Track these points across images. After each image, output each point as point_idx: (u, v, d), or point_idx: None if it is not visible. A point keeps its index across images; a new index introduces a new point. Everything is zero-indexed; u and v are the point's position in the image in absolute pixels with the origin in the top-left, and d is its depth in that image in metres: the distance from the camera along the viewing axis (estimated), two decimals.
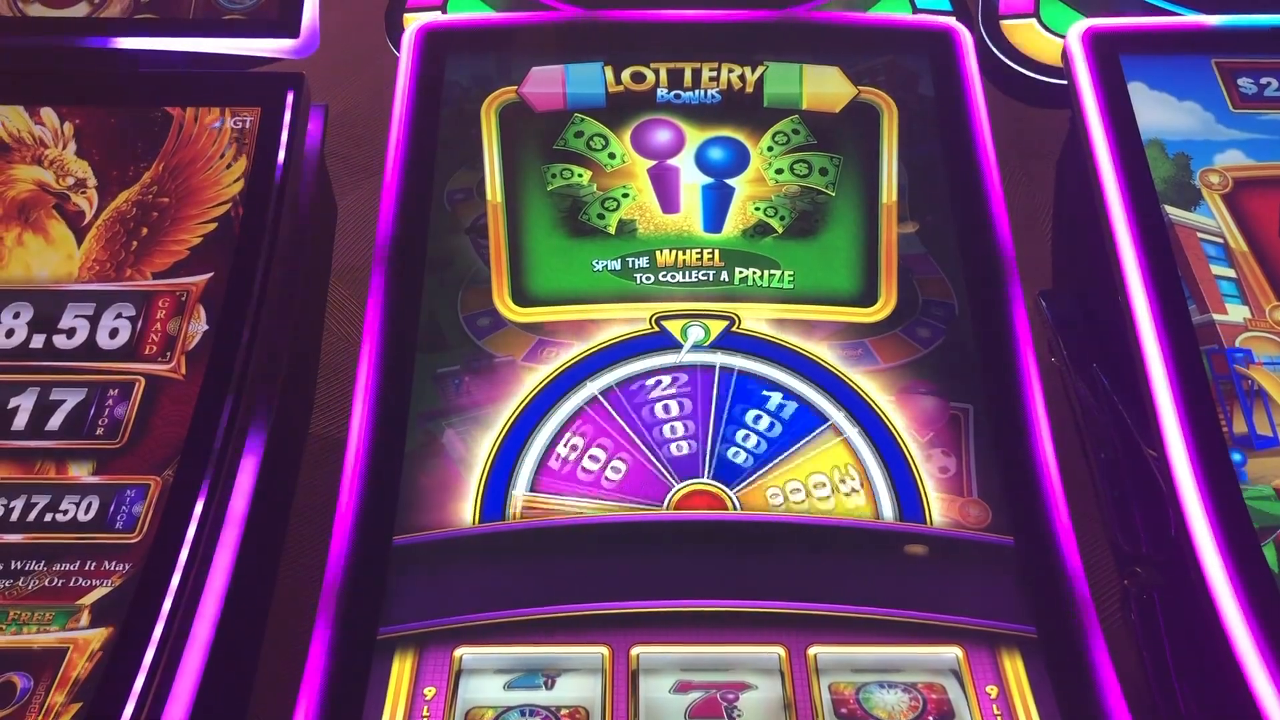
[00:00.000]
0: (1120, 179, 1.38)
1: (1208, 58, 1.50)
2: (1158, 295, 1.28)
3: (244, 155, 1.42)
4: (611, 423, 1.27)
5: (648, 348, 1.32)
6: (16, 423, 1.23)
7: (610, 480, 1.23)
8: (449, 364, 1.31)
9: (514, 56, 1.57)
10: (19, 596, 1.11)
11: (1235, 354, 1.26)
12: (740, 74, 1.56)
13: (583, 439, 1.25)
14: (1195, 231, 1.36)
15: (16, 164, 1.44)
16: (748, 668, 1.11)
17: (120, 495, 1.17)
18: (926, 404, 1.28)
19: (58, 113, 1.48)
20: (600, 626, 1.12)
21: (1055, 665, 1.10)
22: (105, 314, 1.31)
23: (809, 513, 1.20)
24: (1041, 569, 1.16)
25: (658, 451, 1.24)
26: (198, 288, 1.32)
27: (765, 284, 1.38)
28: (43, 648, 1.07)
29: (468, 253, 1.41)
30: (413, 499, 1.21)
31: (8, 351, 1.28)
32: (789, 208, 1.45)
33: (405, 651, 1.11)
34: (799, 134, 1.51)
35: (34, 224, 1.39)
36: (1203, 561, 1.12)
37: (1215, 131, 1.44)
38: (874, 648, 1.12)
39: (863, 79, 1.56)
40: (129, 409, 1.23)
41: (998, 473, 1.23)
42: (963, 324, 1.35)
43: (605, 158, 1.49)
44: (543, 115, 1.53)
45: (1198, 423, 1.19)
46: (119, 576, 1.12)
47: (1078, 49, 1.49)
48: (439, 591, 1.15)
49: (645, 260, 1.40)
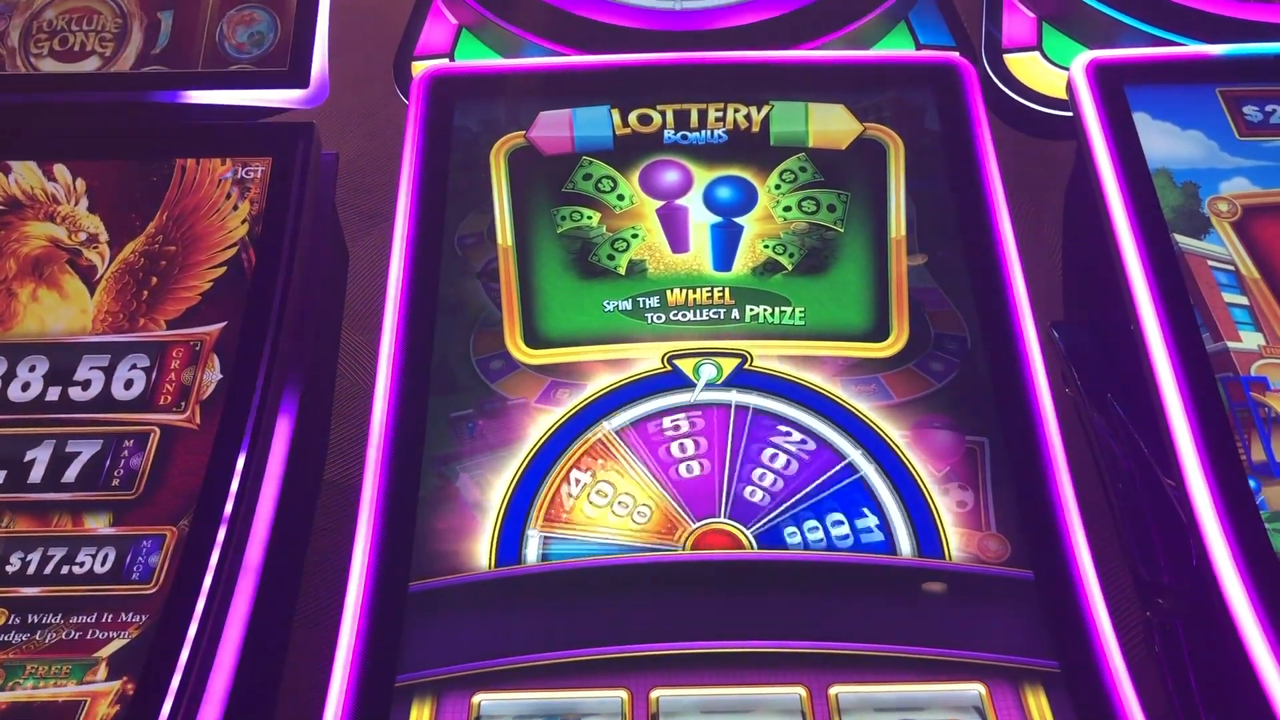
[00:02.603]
0: (1129, 209, 1.38)
1: (1212, 86, 1.50)
2: (1171, 324, 1.28)
3: (248, 198, 1.43)
4: (626, 462, 1.26)
5: (661, 387, 1.32)
6: (33, 475, 1.23)
7: (623, 519, 1.22)
8: (462, 407, 1.31)
9: (522, 101, 1.59)
10: (36, 650, 1.10)
11: (1251, 381, 1.25)
12: (746, 113, 1.57)
13: (597, 479, 1.25)
14: (1206, 259, 1.35)
15: (30, 221, 1.45)
16: (769, 709, 1.10)
17: (136, 546, 1.17)
18: (942, 438, 1.28)
19: (70, 169, 1.49)
20: (619, 670, 1.11)
21: (1079, 699, 1.08)
22: (120, 365, 1.32)
23: (827, 551, 1.19)
24: (1062, 602, 1.15)
25: (673, 491, 1.24)
26: (211, 337, 1.33)
27: (776, 321, 1.38)
28: (62, 701, 1.06)
29: (479, 296, 1.41)
30: (428, 544, 1.21)
31: (25, 404, 1.29)
32: (798, 245, 1.45)
33: (423, 699, 1.10)
34: (806, 171, 1.52)
35: (48, 280, 1.40)
36: (1225, 591, 1.11)
37: (1221, 160, 1.44)
38: (896, 686, 1.11)
39: (868, 115, 1.56)
40: (144, 459, 1.24)
41: (1016, 506, 1.22)
42: (976, 356, 1.35)
43: (614, 199, 1.49)
44: (551, 159, 1.54)
45: (1216, 451, 1.19)
46: (136, 628, 1.11)
47: (1082, 81, 1.49)
48: (456, 637, 1.14)
49: (656, 300, 1.40)
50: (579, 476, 1.25)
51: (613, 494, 1.24)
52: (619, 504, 1.23)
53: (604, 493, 1.24)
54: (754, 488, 1.24)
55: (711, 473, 1.25)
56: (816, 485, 1.24)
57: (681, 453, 1.27)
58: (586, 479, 1.25)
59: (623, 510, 1.23)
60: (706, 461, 1.26)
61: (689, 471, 1.26)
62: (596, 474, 1.25)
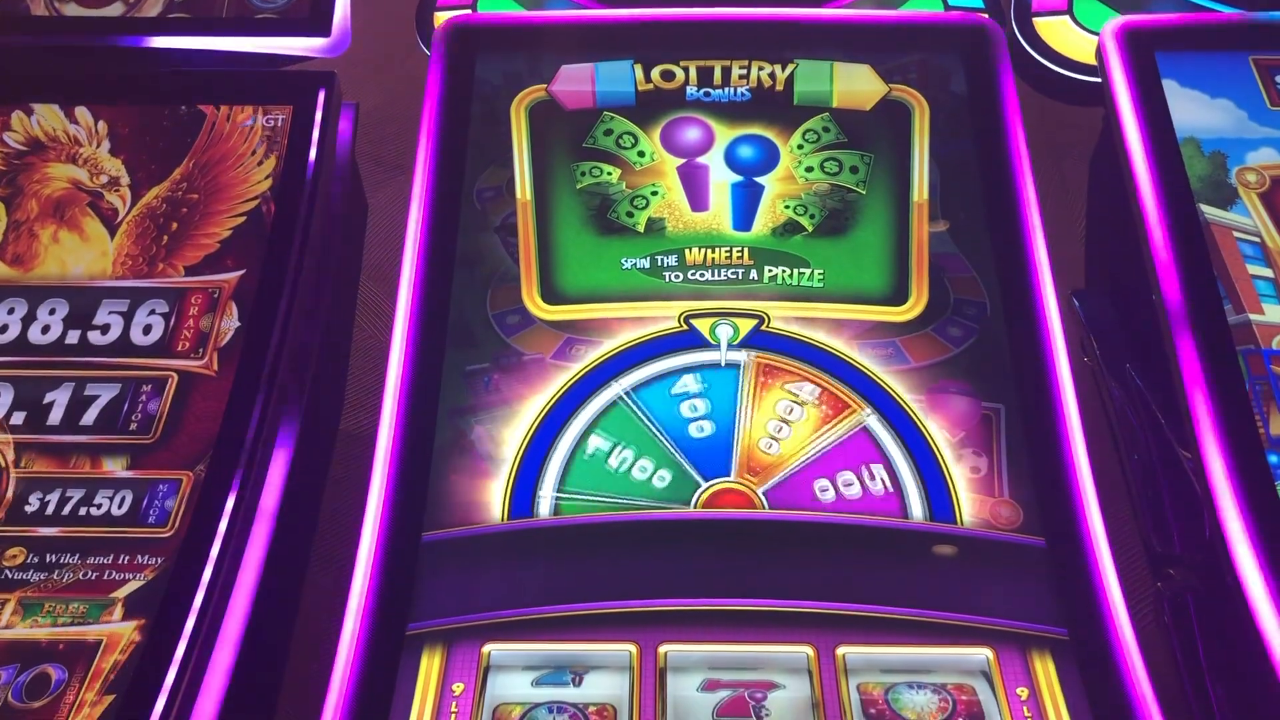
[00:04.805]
0: (1155, 177, 1.36)
1: (1246, 54, 1.48)
2: (1193, 294, 1.27)
3: (274, 153, 1.43)
4: (639, 420, 1.26)
5: (676, 346, 1.32)
6: (52, 417, 1.24)
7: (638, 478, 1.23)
8: (478, 361, 1.31)
9: (544, 54, 1.57)
10: (54, 589, 1.12)
11: (1273, 354, 1.24)
12: (770, 72, 1.55)
13: (610, 436, 1.25)
14: (1231, 230, 1.34)
15: (52, 162, 1.46)
16: (776, 667, 1.11)
17: (153, 490, 1.18)
18: (958, 404, 1.27)
19: (92, 111, 1.49)
20: (628, 624, 1.12)
21: (1087, 667, 1.09)
22: (139, 310, 1.32)
23: (838, 513, 1.20)
24: (1073, 570, 1.15)
25: (685, 449, 1.24)
26: (230, 284, 1.33)
27: (795, 282, 1.37)
28: (79, 639, 1.08)
29: (497, 250, 1.41)
30: (442, 496, 1.21)
31: (44, 347, 1.30)
32: (819, 206, 1.44)
33: (434, 648, 1.11)
34: (829, 132, 1.50)
35: (69, 221, 1.41)
36: (1238, 564, 1.11)
37: (1250, 129, 1.42)
38: (903, 648, 1.11)
39: (894, 76, 1.55)
40: (162, 404, 1.25)
41: (1029, 473, 1.22)
42: (994, 323, 1.34)
43: (634, 156, 1.49)
44: (572, 113, 1.53)
45: (1233, 424, 1.18)
46: (151, 570, 1.13)
47: (1112, 46, 1.47)
48: (468, 588, 1.15)
49: (674, 258, 1.40)
50: (592, 433, 1.25)
51: (630, 457, 1.24)
52: (639, 468, 1.23)
53: (625, 457, 1.24)
54: (770, 442, 1.24)
55: (723, 431, 1.25)
56: (828, 446, 1.24)
57: (694, 412, 1.27)
58: (600, 435, 1.25)
59: (633, 467, 1.23)
60: (718, 421, 1.26)
61: (700, 430, 1.26)
62: (609, 430, 1.25)
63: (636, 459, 1.24)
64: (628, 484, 1.22)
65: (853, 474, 1.23)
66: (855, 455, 1.24)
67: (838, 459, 1.24)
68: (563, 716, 1.07)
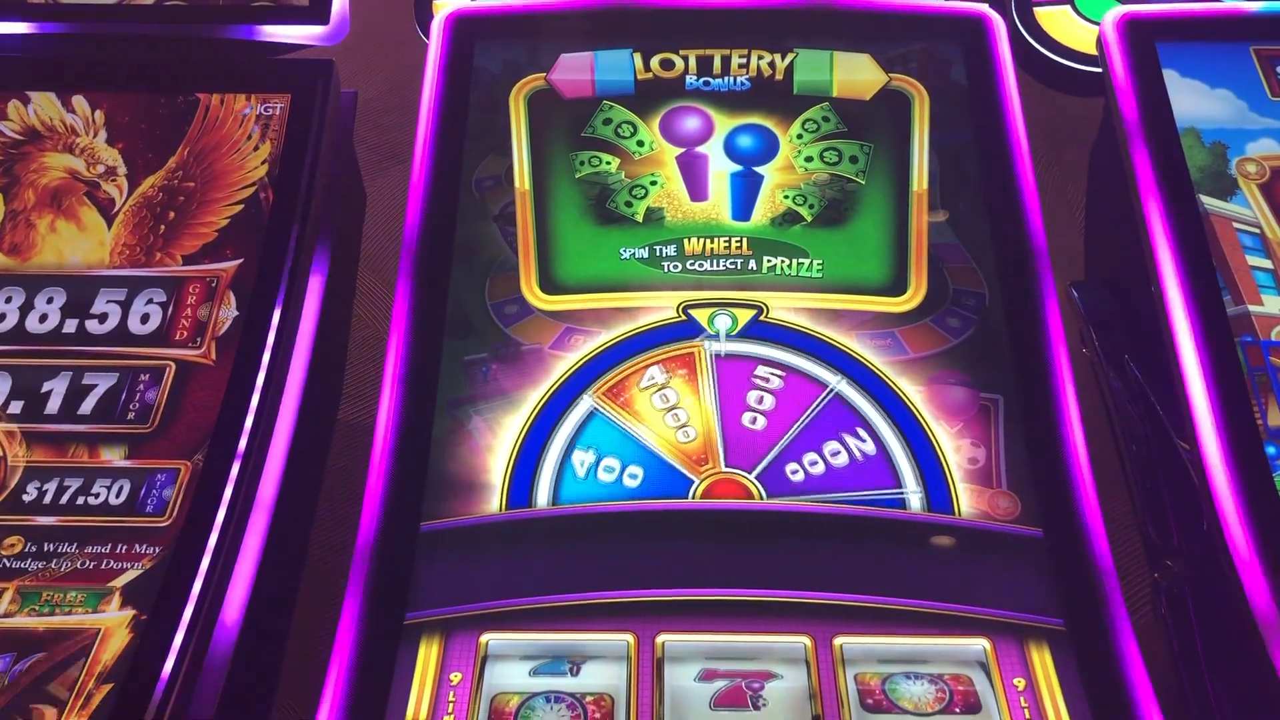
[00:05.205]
0: (1155, 168, 1.36)
1: (1247, 44, 1.47)
2: (1192, 286, 1.27)
3: (269, 139, 1.43)
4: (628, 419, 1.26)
5: (675, 336, 1.32)
6: (50, 406, 1.24)
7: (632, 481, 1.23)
8: (476, 351, 1.31)
9: (543, 43, 1.57)
10: (52, 578, 1.12)
11: (1271, 346, 1.24)
12: (770, 61, 1.55)
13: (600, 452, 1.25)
14: (1231, 221, 1.34)
15: (49, 152, 1.45)
16: (773, 657, 1.11)
17: (151, 479, 1.18)
18: (956, 394, 1.27)
19: (89, 100, 1.49)
20: (626, 614, 1.12)
21: (1084, 658, 1.09)
22: (137, 299, 1.32)
23: (831, 492, 1.20)
24: (1070, 561, 1.15)
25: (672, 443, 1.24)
26: (228, 274, 1.33)
27: (794, 273, 1.37)
28: (76, 628, 1.08)
29: (495, 240, 1.41)
30: (440, 485, 1.21)
31: (41, 336, 1.30)
32: (818, 196, 1.44)
33: (432, 637, 1.11)
34: (829, 121, 1.50)
35: (66, 211, 1.40)
36: (1235, 555, 1.11)
37: (1250, 120, 1.42)
38: (901, 639, 1.11)
39: (894, 66, 1.54)
40: (160, 394, 1.24)
41: (1027, 464, 1.22)
42: (993, 314, 1.34)
43: (633, 145, 1.48)
44: (571, 102, 1.52)
45: (1231, 415, 1.18)
46: (149, 559, 1.13)
47: (1113, 36, 1.47)
48: (465, 578, 1.15)
49: (673, 248, 1.39)
50: (581, 457, 1.24)
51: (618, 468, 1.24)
52: (628, 475, 1.23)
53: (610, 468, 1.23)
54: (752, 417, 1.25)
55: (721, 421, 1.25)
56: (808, 421, 1.24)
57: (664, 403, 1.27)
58: (589, 458, 1.24)
59: (632, 481, 1.22)
60: (718, 410, 1.26)
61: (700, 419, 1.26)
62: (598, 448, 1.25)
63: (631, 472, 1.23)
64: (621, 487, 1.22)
65: (836, 443, 1.23)
66: (835, 425, 1.24)
67: (818, 432, 1.24)
68: (560, 706, 1.07)
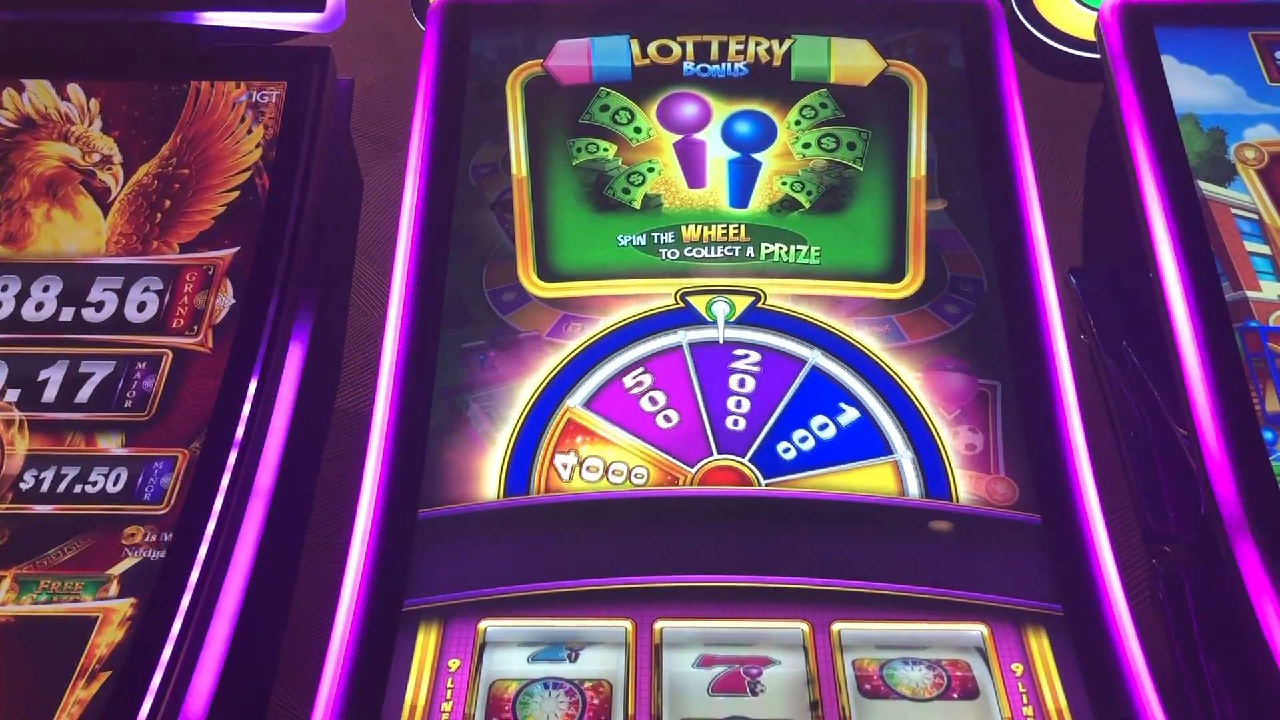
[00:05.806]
0: (1153, 154, 1.36)
1: (1245, 30, 1.47)
2: (1190, 272, 1.27)
3: (263, 123, 1.42)
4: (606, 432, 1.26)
5: (673, 323, 1.32)
6: (46, 394, 1.24)
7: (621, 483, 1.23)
8: (474, 339, 1.31)
9: (540, 30, 1.56)
10: (50, 566, 1.12)
11: (1269, 331, 1.24)
12: (768, 47, 1.54)
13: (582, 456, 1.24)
14: (1229, 207, 1.34)
15: (44, 140, 1.45)
16: (771, 643, 1.11)
17: (148, 467, 1.18)
18: (954, 380, 1.27)
19: (84, 88, 1.48)
20: (624, 601, 1.13)
21: (1081, 644, 1.09)
22: (133, 287, 1.32)
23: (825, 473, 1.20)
24: (1068, 547, 1.15)
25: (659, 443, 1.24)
26: (225, 261, 1.33)
27: (791, 259, 1.37)
28: (75, 616, 1.08)
29: (493, 227, 1.40)
30: (437, 473, 1.21)
31: (38, 324, 1.29)
32: (816, 183, 1.43)
33: (430, 624, 1.11)
34: (827, 108, 1.49)
35: (62, 200, 1.40)
36: (1233, 541, 1.11)
37: (1248, 106, 1.42)
38: (898, 625, 1.11)
39: (892, 52, 1.54)
40: (157, 382, 1.24)
41: (1025, 450, 1.22)
42: (991, 300, 1.34)
43: (631, 132, 1.48)
44: (568, 89, 1.52)
45: (1229, 401, 1.18)
46: (147, 547, 1.12)
47: (1111, 21, 1.46)
48: (464, 565, 1.15)
49: (671, 235, 1.39)
50: (563, 459, 1.23)
51: (603, 466, 1.23)
52: (613, 473, 1.22)
53: (594, 468, 1.23)
54: (736, 401, 1.25)
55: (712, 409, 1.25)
56: (790, 399, 1.25)
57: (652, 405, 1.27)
58: (570, 460, 1.23)
59: (618, 478, 1.22)
60: (713, 399, 1.26)
61: (694, 407, 1.26)
62: (579, 451, 1.24)
63: (616, 470, 1.23)
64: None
65: (824, 416, 1.23)
66: (819, 399, 1.25)
67: (804, 408, 1.24)
68: (558, 692, 1.07)
